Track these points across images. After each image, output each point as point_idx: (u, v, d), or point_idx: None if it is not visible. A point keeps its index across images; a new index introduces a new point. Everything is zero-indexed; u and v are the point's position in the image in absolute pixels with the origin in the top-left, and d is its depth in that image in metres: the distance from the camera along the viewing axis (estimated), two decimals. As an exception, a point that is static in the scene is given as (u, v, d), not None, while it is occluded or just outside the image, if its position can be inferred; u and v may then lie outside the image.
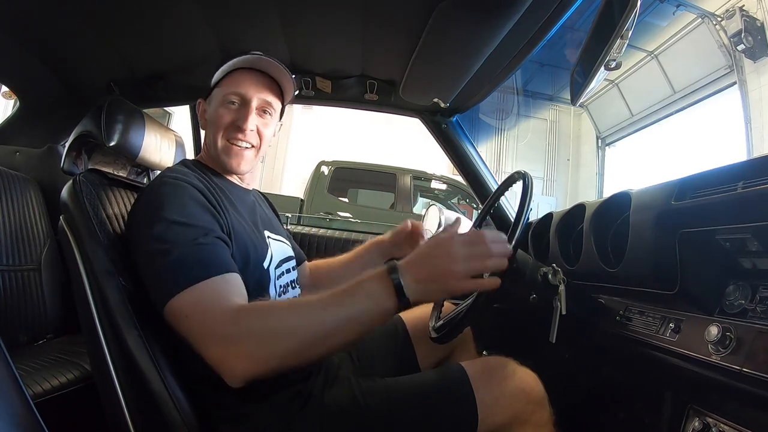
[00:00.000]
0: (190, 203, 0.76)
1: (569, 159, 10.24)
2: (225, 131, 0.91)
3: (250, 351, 0.64)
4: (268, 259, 0.89)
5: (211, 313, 0.66)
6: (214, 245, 0.74)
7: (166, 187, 0.78)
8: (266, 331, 0.65)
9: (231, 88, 0.92)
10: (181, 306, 0.67)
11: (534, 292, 0.95)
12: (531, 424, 0.80)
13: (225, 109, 0.92)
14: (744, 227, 0.66)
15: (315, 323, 0.66)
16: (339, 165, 4.63)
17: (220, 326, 0.65)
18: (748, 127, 5.93)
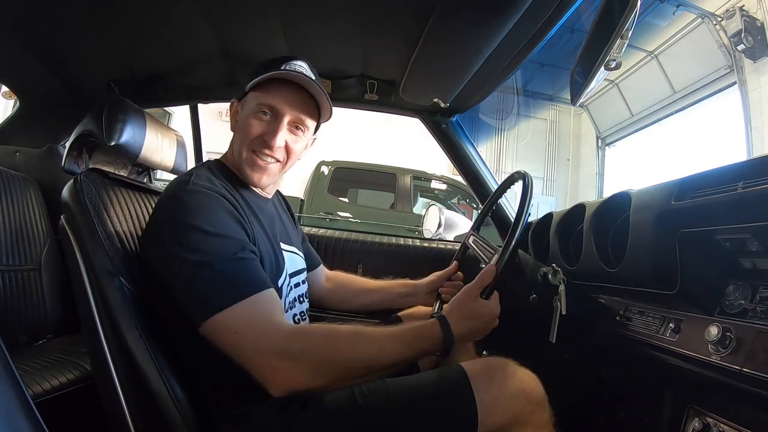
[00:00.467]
0: (224, 215, 0.76)
1: (569, 159, 10.24)
2: (252, 143, 0.87)
3: (309, 372, 0.68)
4: (284, 275, 0.89)
5: (265, 328, 0.69)
6: (252, 260, 0.75)
7: (199, 195, 0.75)
8: (327, 357, 0.70)
9: (266, 99, 0.87)
10: (229, 321, 0.68)
11: (534, 292, 0.95)
12: (531, 425, 0.80)
13: (256, 120, 0.87)
14: (744, 227, 0.66)
15: (372, 360, 0.73)
16: (339, 165, 4.63)
17: (278, 341, 0.68)
18: (748, 127, 5.93)
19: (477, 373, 0.83)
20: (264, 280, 0.74)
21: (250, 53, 1.34)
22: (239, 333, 0.68)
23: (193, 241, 0.71)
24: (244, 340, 0.68)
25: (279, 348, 0.68)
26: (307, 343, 0.70)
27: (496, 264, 0.83)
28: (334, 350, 0.70)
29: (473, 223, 1.29)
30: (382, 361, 0.73)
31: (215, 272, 0.70)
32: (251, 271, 0.73)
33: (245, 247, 0.74)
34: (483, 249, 1.04)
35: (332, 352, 0.70)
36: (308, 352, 0.69)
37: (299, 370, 0.67)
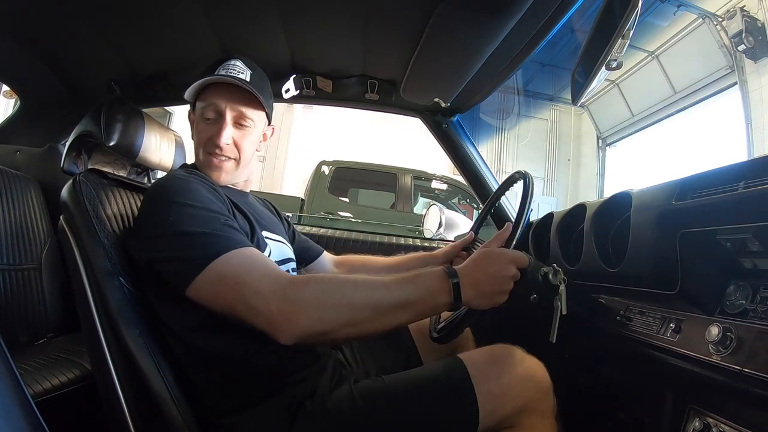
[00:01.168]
0: (205, 193, 0.80)
1: (570, 159, 10.24)
2: (204, 146, 0.92)
3: (314, 312, 0.67)
4: None
5: (265, 273, 0.70)
6: (238, 230, 0.77)
7: (179, 180, 0.81)
8: (331, 298, 0.69)
9: (207, 100, 0.91)
10: (225, 270, 0.69)
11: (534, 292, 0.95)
12: (537, 413, 0.80)
13: (203, 124, 0.92)
14: (745, 227, 0.66)
15: (376, 299, 0.71)
16: (339, 165, 4.63)
17: (281, 286, 0.68)
18: (749, 127, 5.93)
19: (484, 363, 0.82)
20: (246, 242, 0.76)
21: (250, 53, 1.33)
22: (239, 281, 0.69)
23: (179, 215, 0.74)
24: (245, 286, 0.68)
25: (282, 292, 0.68)
26: (310, 287, 0.69)
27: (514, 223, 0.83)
28: (338, 292, 0.70)
29: (474, 222, 1.29)
30: (389, 299, 0.71)
31: (206, 234, 0.72)
32: (240, 235, 0.76)
33: (228, 219, 0.78)
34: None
35: (337, 294, 0.70)
36: (312, 295, 0.68)
37: (305, 313, 0.67)
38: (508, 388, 0.80)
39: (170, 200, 0.76)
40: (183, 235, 0.72)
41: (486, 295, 0.75)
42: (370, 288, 0.72)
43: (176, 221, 0.73)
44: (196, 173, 0.90)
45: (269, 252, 0.92)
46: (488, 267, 0.76)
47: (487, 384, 0.79)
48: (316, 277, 0.74)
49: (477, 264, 0.76)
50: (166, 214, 0.75)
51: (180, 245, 0.72)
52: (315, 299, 0.68)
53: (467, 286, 0.73)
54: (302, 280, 0.71)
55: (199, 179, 0.84)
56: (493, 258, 0.77)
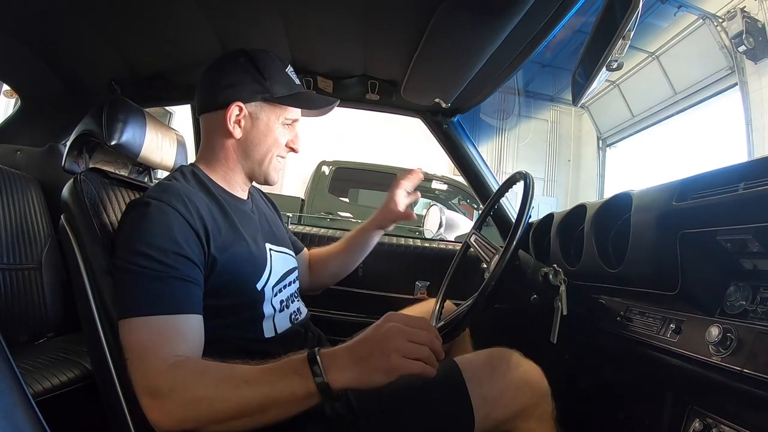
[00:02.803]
0: (166, 233, 0.73)
1: (570, 160, 10.23)
2: (279, 149, 0.93)
3: (171, 410, 0.62)
4: (265, 277, 0.87)
5: (149, 360, 0.65)
6: (183, 284, 0.72)
7: (148, 209, 0.74)
8: (189, 395, 0.62)
9: (294, 113, 0.94)
10: (130, 338, 0.67)
11: (535, 293, 0.95)
12: (535, 418, 0.80)
13: (284, 128, 0.93)
14: (745, 228, 0.66)
15: (236, 397, 0.62)
16: (340, 165, 4.63)
17: (152, 377, 0.64)
18: (749, 128, 5.93)
19: (479, 366, 0.82)
20: (188, 304, 0.71)
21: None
22: (129, 355, 0.67)
23: (129, 254, 0.71)
24: (132, 365, 0.66)
25: (152, 384, 0.64)
26: (176, 379, 0.63)
27: None
28: (200, 387, 0.63)
29: (474, 223, 1.29)
30: (243, 403, 0.62)
31: (136, 282, 0.69)
32: (174, 292, 0.70)
33: (179, 270, 0.71)
34: (484, 248, 1.04)
35: (198, 390, 0.62)
36: (178, 389, 0.63)
37: (169, 409, 0.62)
38: (503, 392, 0.79)
39: (129, 233, 0.74)
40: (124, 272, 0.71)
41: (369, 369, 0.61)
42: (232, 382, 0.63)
43: (125, 257, 0.72)
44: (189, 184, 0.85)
45: (270, 268, 0.89)
46: (367, 336, 0.64)
47: (481, 388, 0.79)
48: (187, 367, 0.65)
49: (355, 339, 0.65)
50: (123, 246, 0.74)
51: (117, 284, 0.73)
52: (179, 397, 0.62)
53: (338, 369, 0.62)
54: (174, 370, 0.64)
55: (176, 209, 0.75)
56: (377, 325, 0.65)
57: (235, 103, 0.87)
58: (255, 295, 0.84)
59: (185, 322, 0.70)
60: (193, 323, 0.71)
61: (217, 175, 0.92)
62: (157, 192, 0.78)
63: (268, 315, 0.86)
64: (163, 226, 0.73)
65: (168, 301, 0.69)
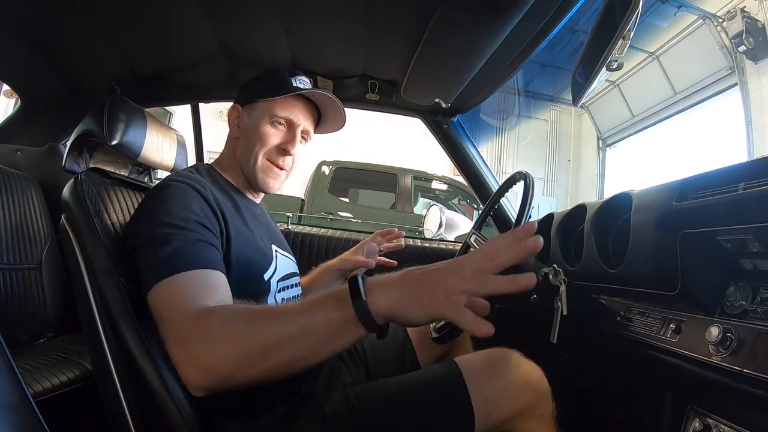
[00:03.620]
0: (186, 205, 0.75)
1: (570, 160, 10.23)
2: (268, 151, 0.92)
3: (202, 356, 0.59)
4: (271, 270, 0.89)
5: (181, 310, 0.63)
6: (204, 245, 0.72)
7: (167, 189, 0.77)
8: (220, 335, 0.60)
9: (282, 111, 0.92)
10: (159, 298, 0.66)
11: (535, 293, 0.95)
12: (535, 418, 0.80)
13: (272, 129, 0.92)
14: (745, 228, 0.66)
15: (266, 330, 0.59)
16: (340, 165, 4.63)
17: (183, 326, 0.62)
18: (749, 128, 5.93)
19: (479, 366, 0.82)
20: (212, 261, 0.71)
21: (251, 53, 1.34)
22: (162, 313, 0.65)
23: (153, 230, 0.72)
24: (165, 321, 0.64)
25: (183, 333, 0.62)
26: (207, 323, 0.61)
27: None
28: (230, 325, 0.60)
29: (474, 223, 1.29)
30: (278, 334, 0.58)
31: (161, 251, 0.69)
32: (199, 251, 0.70)
33: (202, 233, 0.73)
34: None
35: (228, 328, 0.60)
36: (210, 331, 0.60)
37: (200, 355, 0.59)
38: (503, 393, 0.79)
39: (152, 209, 0.75)
40: (147, 246, 0.71)
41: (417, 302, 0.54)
42: (262, 317, 0.61)
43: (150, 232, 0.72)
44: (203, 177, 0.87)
45: (275, 264, 0.90)
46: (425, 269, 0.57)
47: (482, 388, 0.79)
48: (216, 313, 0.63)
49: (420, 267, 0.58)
50: (146, 223, 0.74)
51: (145, 257, 0.71)
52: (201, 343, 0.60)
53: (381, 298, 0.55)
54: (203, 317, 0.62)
55: (194, 188, 0.78)
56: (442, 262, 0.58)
57: (234, 105, 0.97)
58: (261, 285, 0.86)
59: (211, 277, 0.69)
60: (219, 279, 0.70)
61: (230, 174, 0.96)
62: (175, 176, 0.81)
63: None
64: (183, 200, 0.75)
65: (192, 258, 0.69)
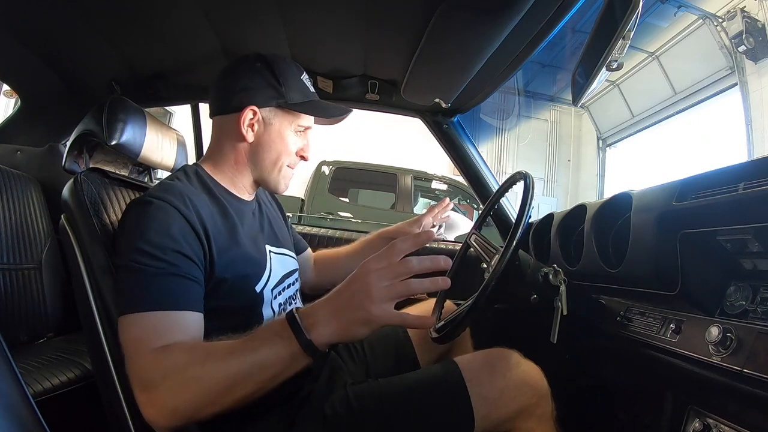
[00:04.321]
0: (165, 231, 0.72)
1: (570, 160, 10.23)
2: (290, 157, 0.93)
3: (164, 400, 0.60)
4: (264, 279, 0.87)
5: (141, 352, 0.64)
6: (178, 280, 0.71)
7: (149, 207, 0.74)
8: (179, 378, 0.61)
9: (308, 120, 0.94)
10: (123, 332, 0.66)
11: (535, 293, 0.95)
12: (534, 417, 0.80)
13: (295, 136, 0.93)
14: (745, 228, 0.66)
15: (223, 370, 0.61)
16: (340, 165, 4.63)
17: (144, 368, 0.63)
18: (749, 128, 5.93)
19: (479, 366, 0.82)
20: (185, 301, 0.70)
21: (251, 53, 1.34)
22: (126, 351, 0.65)
23: (129, 252, 0.70)
24: (128, 362, 0.64)
25: (145, 376, 0.62)
26: (165, 364, 0.62)
27: None
28: (188, 368, 0.61)
29: (474, 223, 1.29)
30: (234, 372, 0.61)
31: (134, 279, 0.69)
32: (172, 289, 0.69)
33: (179, 267, 0.71)
34: (484, 248, 1.04)
35: (187, 371, 0.61)
36: (168, 374, 0.61)
37: (163, 399, 0.60)
38: (502, 392, 0.79)
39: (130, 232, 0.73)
40: (124, 271, 0.71)
41: (350, 321, 0.61)
42: (216, 357, 0.62)
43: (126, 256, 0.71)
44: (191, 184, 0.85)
45: (269, 271, 0.89)
46: (344, 288, 0.63)
47: (481, 387, 0.79)
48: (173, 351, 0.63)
49: (333, 291, 0.64)
50: (124, 245, 0.73)
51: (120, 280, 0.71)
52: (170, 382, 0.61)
53: (318, 325, 0.61)
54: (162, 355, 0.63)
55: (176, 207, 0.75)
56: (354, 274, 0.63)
57: (249, 107, 0.86)
58: (254, 298, 0.84)
59: (182, 318, 0.69)
60: (191, 320, 0.70)
61: (224, 176, 0.91)
62: (157, 191, 0.77)
63: (267, 317, 0.86)
64: (162, 224, 0.72)
65: (165, 297, 0.68)
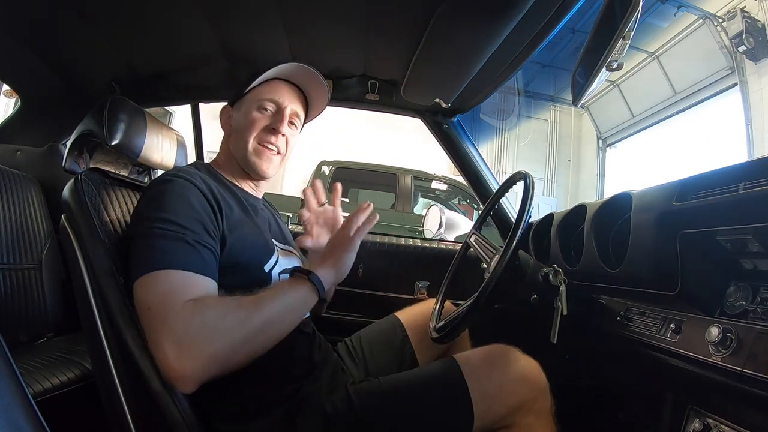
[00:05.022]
0: (186, 202, 0.76)
1: (570, 160, 10.23)
2: (259, 133, 0.94)
3: (201, 348, 0.63)
4: (272, 262, 0.89)
5: (173, 306, 0.65)
6: (200, 248, 0.73)
7: (168, 184, 0.78)
8: (220, 325, 0.65)
9: (268, 95, 0.96)
10: (149, 290, 0.67)
11: (535, 293, 0.95)
12: (533, 412, 0.81)
13: (260, 113, 0.95)
14: (745, 228, 0.66)
15: (257, 313, 0.69)
16: (340, 165, 4.63)
17: (182, 320, 0.64)
18: (749, 128, 5.93)
19: (478, 362, 0.83)
20: (205, 268, 0.72)
21: (251, 53, 1.34)
22: (151, 309, 0.66)
23: (149, 225, 0.72)
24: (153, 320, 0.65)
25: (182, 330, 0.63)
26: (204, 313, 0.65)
27: None
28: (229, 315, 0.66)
29: (474, 223, 1.29)
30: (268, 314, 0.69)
31: (155, 243, 0.70)
32: (193, 256, 0.71)
33: (199, 235, 0.74)
34: (484, 248, 1.04)
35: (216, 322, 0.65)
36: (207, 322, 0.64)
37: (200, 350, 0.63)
38: (501, 388, 0.80)
39: (149, 205, 0.76)
40: (143, 238, 0.72)
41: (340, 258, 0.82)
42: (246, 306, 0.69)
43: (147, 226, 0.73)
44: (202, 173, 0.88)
45: (277, 257, 0.91)
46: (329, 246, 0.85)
47: (480, 383, 0.79)
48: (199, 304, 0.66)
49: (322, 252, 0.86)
50: (144, 218, 0.75)
51: (140, 247, 0.72)
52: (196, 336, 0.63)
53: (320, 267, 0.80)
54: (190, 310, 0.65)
55: (193, 183, 0.80)
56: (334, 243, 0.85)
57: (224, 107, 1.03)
58: (262, 276, 0.86)
59: (204, 282, 0.71)
60: (211, 285, 0.72)
61: (226, 171, 0.98)
62: (174, 171, 0.83)
63: None
64: (182, 197, 0.77)
65: (185, 259, 0.70)
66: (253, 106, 0.96)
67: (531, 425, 0.80)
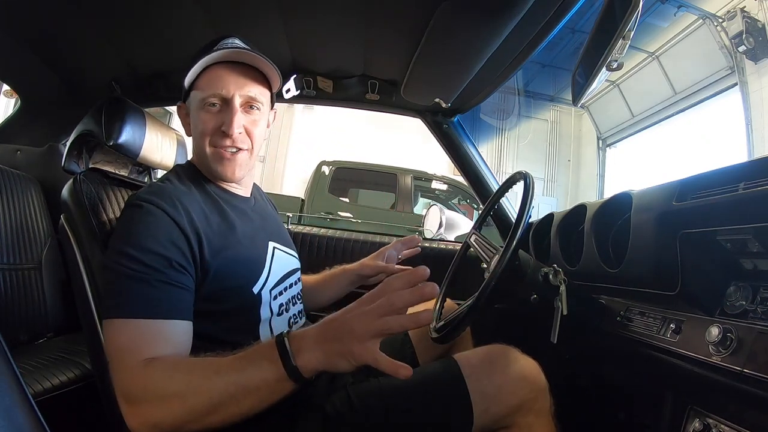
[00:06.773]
0: (151, 235, 0.71)
1: (570, 160, 10.24)
2: (211, 138, 0.84)
3: (147, 413, 0.61)
4: (262, 280, 0.85)
5: (125, 362, 0.63)
6: (166, 287, 0.69)
7: (137, 211, 0.73)
8: (161, 393, 0.61)
9: (209, 89, 0.82)
10: (109, 338, 0.66)
11: (535, 293, 0.95)
12: (533, 412, 0.80)
13: (206, 113, 0.83)
14: (745, 228, 0.66)
15: (207, 388, 0.60)
16: (340, 165, 4.63)
17: (128, 379, 0.62)
18: (749, 128, 5.93)
19: (478, 362, 0.82)
20: (171, 310, 0.69)
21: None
22: (109, 359, 0.64)
23: (116, 256, 0.70)
24: (111, 370, 0.64)
25: (128, 388, 0.62)
26: (148, 378, 0.62)
27: None
28: (172, 383, 0.61)
29: (474, 223, 1.29)
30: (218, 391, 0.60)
31: (120, 283, 0.68)
32: (158, 298, 0.68)
33: (165, 274, 0.69)
34: (484, 248, 1.04)
35: (170, 386, 0.61)
36: (149, 388, 0.61)
37: (145, 412, 0.61)
38: (501, 388, 0.79)
39: (121, 236, 0.73)
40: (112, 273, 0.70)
41: (334, 352, 0.61)
42: (202, 374, 0.62)
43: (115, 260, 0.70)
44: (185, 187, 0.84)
45: (268, 270, 0.88)
46: (336, 317, 0.63)
47: (480, 383, 0.79)
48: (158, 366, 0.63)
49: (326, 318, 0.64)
50: (114, 249, 0.72)
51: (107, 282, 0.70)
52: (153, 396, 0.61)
53: (305, 350, 0.61)
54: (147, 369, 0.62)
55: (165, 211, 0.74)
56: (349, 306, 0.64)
57: (179, 105, 0.91)
58: (251, 299, 0.83)
59: (169, 327, 0.68)
60: (177, 328, 0.69)
61: (205, 171, 0.90)
62: (147, 193, 0.76)
63: (265, 319, 0.85)
64: (150, 228, 0.71)
65: (152, 305, 0.67)
66: (198, 105, 0.84)
67: (531, 425, 0.80)
